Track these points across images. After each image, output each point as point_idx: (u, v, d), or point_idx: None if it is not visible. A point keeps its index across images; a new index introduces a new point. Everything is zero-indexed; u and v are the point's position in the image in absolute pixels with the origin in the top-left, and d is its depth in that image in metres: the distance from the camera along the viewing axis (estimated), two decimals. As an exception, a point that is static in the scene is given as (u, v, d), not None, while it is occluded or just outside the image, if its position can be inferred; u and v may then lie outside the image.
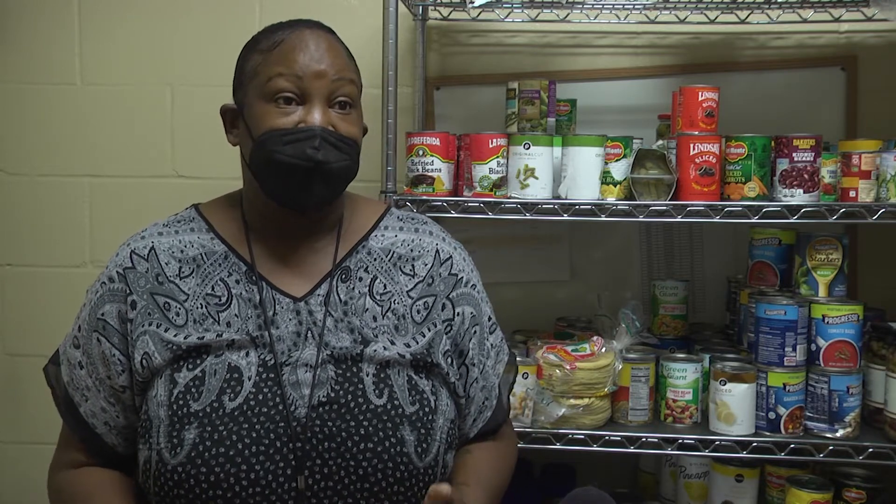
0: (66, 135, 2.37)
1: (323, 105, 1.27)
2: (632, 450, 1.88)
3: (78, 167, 2.37)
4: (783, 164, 1.80)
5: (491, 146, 1.83)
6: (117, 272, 1.31)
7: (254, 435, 1.20)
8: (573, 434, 1.87)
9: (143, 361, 1.26)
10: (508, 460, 1.49)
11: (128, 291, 1.29)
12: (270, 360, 1.26)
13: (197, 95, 2.34)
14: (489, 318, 1.45)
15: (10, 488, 2.44)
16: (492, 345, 1.44)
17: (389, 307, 1.34)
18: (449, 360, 1.35)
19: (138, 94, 2.35)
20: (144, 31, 2.34)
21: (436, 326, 1.35)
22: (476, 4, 2.05)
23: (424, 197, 1.85)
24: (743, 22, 2.16)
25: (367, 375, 1.27)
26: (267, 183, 1.29)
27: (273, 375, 1.25)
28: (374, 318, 1.32)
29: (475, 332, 1.41)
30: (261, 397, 1.23)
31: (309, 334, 1.29)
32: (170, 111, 2.35)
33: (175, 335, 1.26)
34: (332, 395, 1.25)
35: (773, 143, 1.82)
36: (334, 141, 1.27)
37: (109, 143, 2.36)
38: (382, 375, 1.28)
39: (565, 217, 1.84)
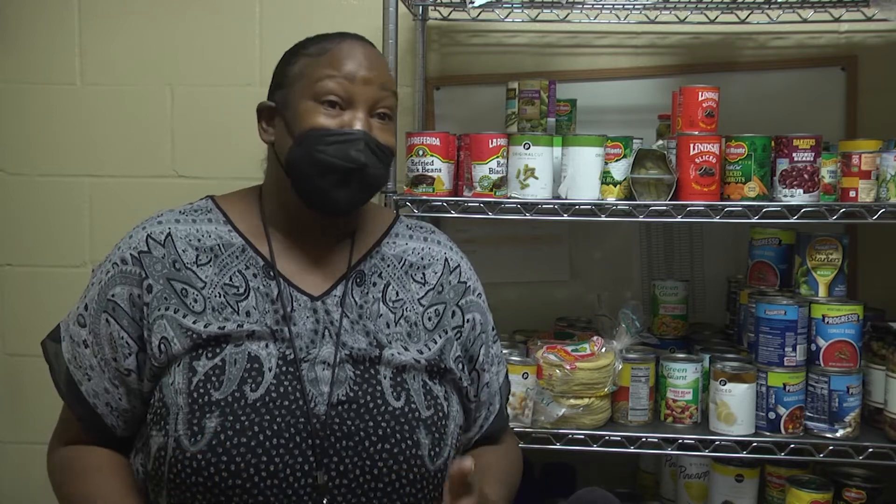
0: (66, 135, 2.37)
1: (366, 113, 1.29)
2: (632, 450, 1.88)
3: (78, 167, 2.37)
4: (783, 164, 1.80)
5: (491, 146, 1.83)
6: (131, 255, 1.30)
7: (275, 427, 1.21)
8: (573, 434, 1.87)
9: (162, 346, 1.25)
10: (517, 462, 1.50)
11: (143, 275, 1.29)
12: (290, 354, 1.27)
13: (197, 95, 2.34)
14: (492, 328, 1.48)
15: (11, 488, 2.44)
16: (494, 353, 1.47)
17: (402, 314, 1.35)
18: (460, 365, 1.37)
19: (138, 94, 2.35)
20: (144, 31, 2.34)
21: (446, 333, 1.37)
22: (476, 4, 2.05)
23: (424, 197, 1.85)
24: (743, 22, 2.16)
25: (385, 378, 1.28)
26: (301, 181, 1.30)
27: (293, 370, 1.25)
28: (388, 325, 1.33)
29: (483, 338, 1.43)
30: (282, 390, 1.23)
31: (326, 333, 1.30)
32: (170, 111, 2.35)
33: (194, 322, 1.26)
34: (352, 394, 1.26)
35: (773, 143, 1.82)
36: (374, 148, 1.29)
37: (109, 143, 2.36)
38: (399, 379, 1.29)
39: (565, 217, 1.84)
